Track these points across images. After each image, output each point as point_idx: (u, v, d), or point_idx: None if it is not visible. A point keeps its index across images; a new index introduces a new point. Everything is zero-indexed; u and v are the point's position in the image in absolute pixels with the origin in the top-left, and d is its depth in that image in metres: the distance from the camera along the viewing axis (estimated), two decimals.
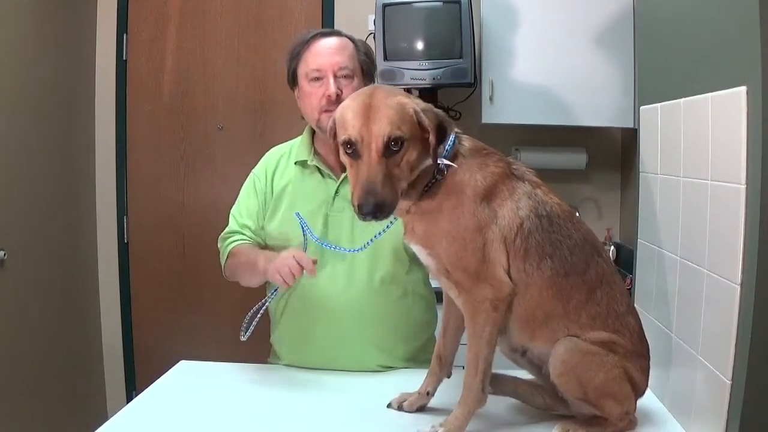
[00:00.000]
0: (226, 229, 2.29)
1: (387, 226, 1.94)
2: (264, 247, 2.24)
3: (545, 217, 1.67)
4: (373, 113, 1.57)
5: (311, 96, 2.14)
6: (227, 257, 2.24)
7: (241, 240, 2.24)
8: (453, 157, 1.66)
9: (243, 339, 2.01)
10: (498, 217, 1.64)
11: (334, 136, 1.67)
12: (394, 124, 1.56)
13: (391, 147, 1.56)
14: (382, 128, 1.55)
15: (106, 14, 4.20)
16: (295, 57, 2.19)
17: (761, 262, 1.41)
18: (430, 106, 1.65)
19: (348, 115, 1.60)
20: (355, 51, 2.18)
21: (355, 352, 2.17)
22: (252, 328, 2.02)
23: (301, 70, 2.17)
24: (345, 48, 2.16)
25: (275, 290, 2.11)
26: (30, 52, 3.58)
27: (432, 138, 1.59)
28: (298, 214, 2.09)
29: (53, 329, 3.80)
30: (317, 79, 2.13)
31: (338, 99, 2.07)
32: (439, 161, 1.62)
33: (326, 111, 2.10)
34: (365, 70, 2.20)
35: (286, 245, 2.11)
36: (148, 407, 1.94)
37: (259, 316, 2.05)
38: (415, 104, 1.61)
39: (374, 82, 2.26)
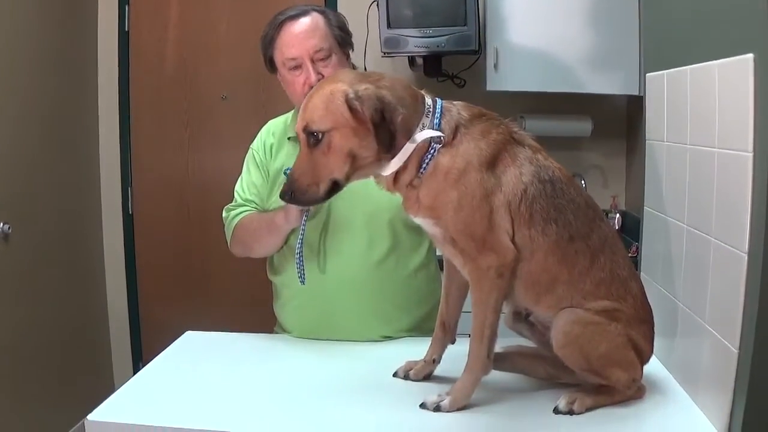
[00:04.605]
0: (231, 204, 2.30)
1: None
2: None
3: (548, 182, 1.66)
4: (304, 105, 1.65)
5: (294, 83, 2.13)
6: (234, 230, 2.25)
7: (247, 211, 2.26)
8: (454, 128, 1.64)
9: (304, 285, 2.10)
10: (502, 183, 1.63)
11: None
12: (312, 116, 1.60)
13: (314, 137, 1.60)
14: (300, 121, 1.63)
15: None
16: (269, 44, 2.16)
17: None
18: (377, 92, 1.59)
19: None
20: (328, 27, 2.14)
21: (357, 323, 2.17)
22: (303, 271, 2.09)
23: (278, 58, 2.15)
24: (317, 28, 2.12)
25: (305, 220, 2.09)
26: (31, 24, 3.56)
27: (370, 125, 1.57)
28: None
29: (59, 302, 3.82)
30: (296, 67, 2.12)
31: None
32: (420, 138, 1.61)
33: None
34: (341, 42, 2.17)
35: None
36: (154, 378, 1.95)
37: (300, 255, 2.09)
38: (352, 91, 1.57)
39: (352, 50, 2.24)
